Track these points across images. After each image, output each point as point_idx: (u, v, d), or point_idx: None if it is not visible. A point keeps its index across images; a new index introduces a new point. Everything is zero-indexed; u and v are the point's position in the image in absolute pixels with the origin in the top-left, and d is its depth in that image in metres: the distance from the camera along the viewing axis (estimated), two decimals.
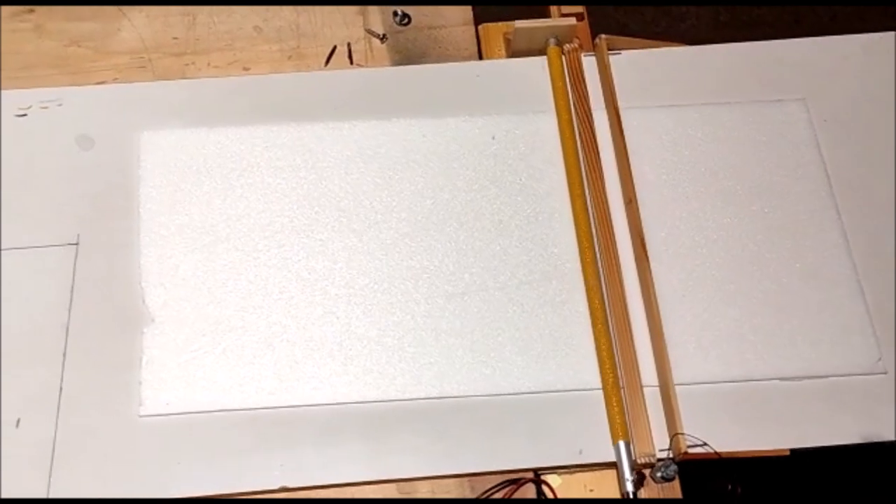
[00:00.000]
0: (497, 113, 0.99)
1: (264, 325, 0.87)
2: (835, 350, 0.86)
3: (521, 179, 0.95)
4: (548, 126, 0.98)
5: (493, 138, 0.97)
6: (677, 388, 0.83)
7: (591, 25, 1.06)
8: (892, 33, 1.05)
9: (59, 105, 0.98)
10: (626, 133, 0.96)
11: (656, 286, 0.88)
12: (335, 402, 0.84)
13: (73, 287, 0.89)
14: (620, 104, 0.98)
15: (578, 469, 0.84)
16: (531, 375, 0.85)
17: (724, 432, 0.82)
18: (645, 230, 0.91)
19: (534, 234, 0.92)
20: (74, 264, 0.90)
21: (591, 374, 0.85)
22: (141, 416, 0.82)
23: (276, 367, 0.85)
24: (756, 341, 0.87)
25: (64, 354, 0.85)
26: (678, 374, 0.84)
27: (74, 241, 0.91)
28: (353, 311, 0.88)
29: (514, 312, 0.88)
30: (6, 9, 1.07)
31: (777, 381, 0.85)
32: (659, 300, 0.88)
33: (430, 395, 0.84)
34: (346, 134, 0.97)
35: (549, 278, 0.90)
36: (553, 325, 0.88)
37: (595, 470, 0.84)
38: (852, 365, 0.86)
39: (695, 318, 0.88)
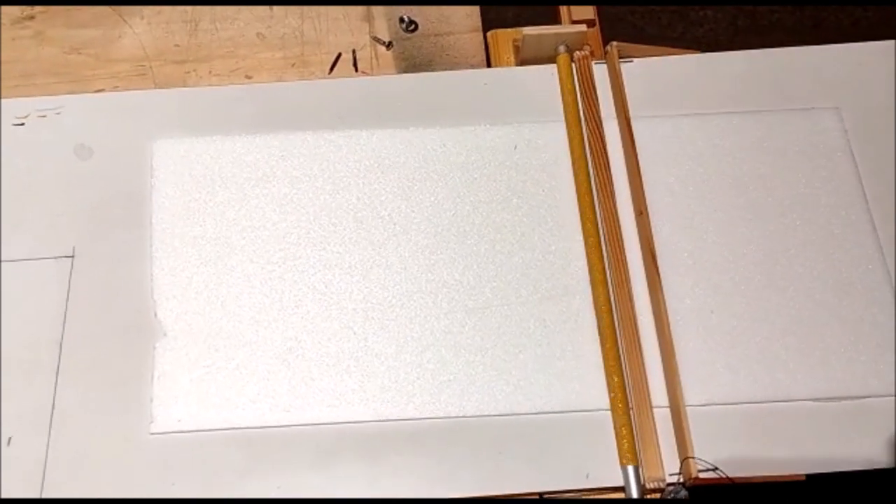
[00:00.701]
0: (512, 122, 1.02)
1: (279, 340, 0.89)
2: (869, 370, 0.88)
3: (543, 190, 0.98)
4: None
5: (516, 148, 1.00)
6: (700, 409, 0.86)
7: (606, 30, 1.09)
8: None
9: (58, 114, 1.02)
10: (643, 143, 0.99)
11: (683, 301, 0.91)
12: (350, 420, 0.86)
13: (67, 301, 0.91)
14: (635, 113, 1.01)
15: (585, 493, 0.86)
16: (553, 394, 0.87)
17: (742, 456, 0.84)
18: (669, 244, 0.94)
19: (557, 248, 0.95)
20: (70, 278, 0.93)
21: (603, 394, 0.88)
22: (152, 434, 0.85)
23: (290, 383, 0.87)
24: (788, 360, 0.89)
25: (57, 370, 0.88)
26: (701, 394, 0.87)
27: (70, 254, 0.94)
28: (371, 326, 0.90)
29: (536, 328, 0.91)
30: (7, 16, 1.11)
31: (810, 402, 0.87)
32: (685, 317, 0.90)
33: (450, 415, 0.86)
34: (364, 143, 1.00)
35: (572, 293, 0.92)
36: (575, 342, 0.90)
37: (603, 493, 0.86)
38: (889, 385, 0.88)
39: (724, 335, 0.90)
